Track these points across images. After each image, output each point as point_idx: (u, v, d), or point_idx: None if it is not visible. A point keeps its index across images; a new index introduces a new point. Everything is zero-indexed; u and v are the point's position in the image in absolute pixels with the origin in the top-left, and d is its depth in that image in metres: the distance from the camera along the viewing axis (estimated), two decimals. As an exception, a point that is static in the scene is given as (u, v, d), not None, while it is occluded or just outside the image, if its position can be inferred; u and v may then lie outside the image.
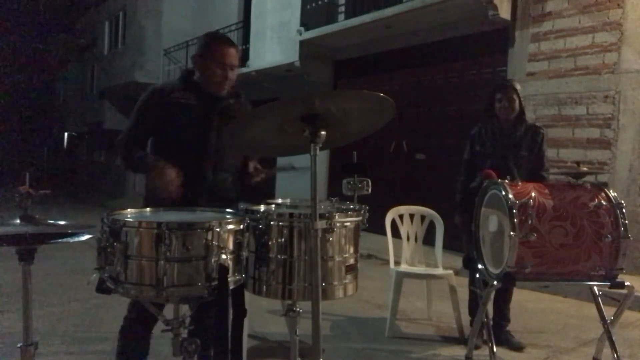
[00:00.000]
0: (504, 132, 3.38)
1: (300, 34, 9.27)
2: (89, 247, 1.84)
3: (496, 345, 3.33)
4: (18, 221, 1.61)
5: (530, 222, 2.43)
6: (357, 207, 1.86)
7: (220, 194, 2.20)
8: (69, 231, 1.67)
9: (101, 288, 1.51)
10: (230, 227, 1.55)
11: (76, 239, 1.67)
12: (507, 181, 2.61)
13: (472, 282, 3.40)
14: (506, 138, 3.36)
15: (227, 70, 2.20)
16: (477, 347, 3.22)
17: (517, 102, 3.35)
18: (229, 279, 1.49)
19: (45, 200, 1.76)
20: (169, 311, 1.67)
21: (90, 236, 1.66)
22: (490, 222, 2.72)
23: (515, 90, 3.36)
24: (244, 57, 11.84)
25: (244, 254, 1.62)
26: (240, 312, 1.63)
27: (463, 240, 3.55)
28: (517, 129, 3.37)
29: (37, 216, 1.64)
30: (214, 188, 2.21)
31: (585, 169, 2.86)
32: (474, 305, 3.47)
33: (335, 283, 1.71)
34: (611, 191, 2.58)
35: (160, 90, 2.26)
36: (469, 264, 3.35)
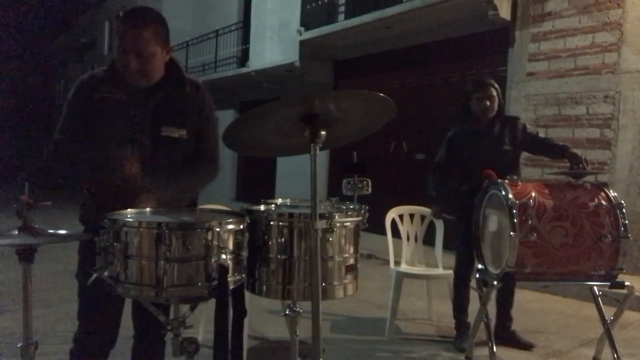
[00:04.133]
0: (482, 132, 3.35)
1: (300, 34, 9.27)
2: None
3: (504, 345, 3.34)
4: (16, 232, 1.59)
5: (530, 222, 2.42)
6: (357, 207, 1.85)
7: (164, 204, 1.84)
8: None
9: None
10: (230, 227, 1.54)
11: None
12: (507, 181, 2.61)
13: (461, 279, 3.40)
14: (486, 137, 3.33)
15: (128, 57, 1.78)
16: (462, 350, 3.23)
17: (496, 100, 3.33)
18: (229, 279, 1.49)
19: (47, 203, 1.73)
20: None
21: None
22: (490, 222, 2.72)
23: (495, 88, 3.34)
24: (244, 57, 11.86)
25: (244, 254, 1.61)
26: (240, 312, 1.63)
27: (457, 235, 3.42)
28: (494, 126, 3.35)
29: (36, 226, 1.62)
30: (155, 195, 1.85)
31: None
32: (460, 302, 3.47)
33: (335, 283, 1.71)
34: (611, 191, 2.58)
35: (87, 84, 1.90)
36: (461, 262, 3.36)
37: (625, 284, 2.49)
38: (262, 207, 1.88)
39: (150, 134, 1.89)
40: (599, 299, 2.60)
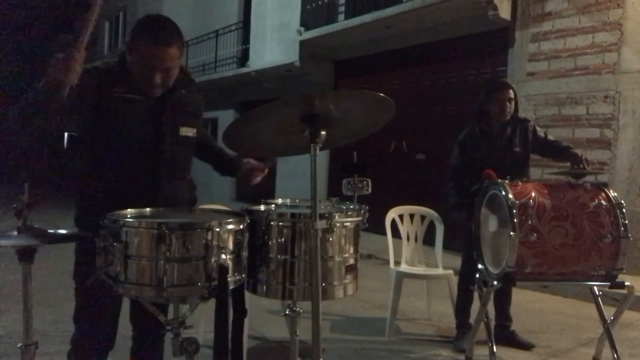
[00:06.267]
0: (494, 133, 3.34)
1: (300, 34, 9.27)
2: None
3: (504, 345, 3.35)
4: (15, 233, 1.59)
5: (530, 222, 2.42)
6: (357, 207, 1.85)
7: (176, 202, 1.93)
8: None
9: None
10: (230, 227, 1.54)
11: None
12: (507, 181, 2.60)
13: (466, 281, 3.38)
14: (498, 138, 3.33)
15: (154, 73, 1.78)
16: (462, 351, 3.22)
17: (514, 102, 3.34)
18: (229, 279, 1.49)
19: (47, 204, 1.72)
20: (168, 311, 1.67)
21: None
22: (490, 222, 2.72)
23: (513, 89, 3.35)
24: (244, 57, 11.86)
25: (244, 254, 1.62)
26: (240, 312, 1.63)
27: (464, 236, 3.39)
28: (506, 127, 3.35)
29: (36, 226, 1.61)
30: (170, 196, 1.91)
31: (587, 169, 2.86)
32: (463, 304, 3.46)
33: (335, 283, 1.71)
34: (611, 191, 2.57)
35: (97, 76, 1.82)
36: (468, 264, 3.34)
37: (625, 284, 2.48)
38: (262, 207, 1.88)
39: (171, 134, 1.90)
40: (599, 299, 2.60)
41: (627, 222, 2.47)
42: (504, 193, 2.52)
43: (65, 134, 25.06)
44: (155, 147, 1.87)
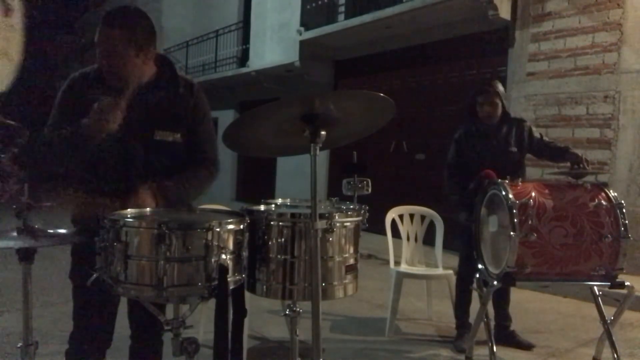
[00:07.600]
0: (489, 132, 3.35)
1: (300, 34, 9.27)
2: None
3: (504, 346, 3.35)
4: (15, 234, 1.58)
5: (530, 222, 2.42)
6: (357, 207, 1.85)
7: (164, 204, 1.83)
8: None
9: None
10: (230, 227, 1.54)
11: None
12: (507, 181, 2.60)
13: (465, 281, 3.38)
14: (493, 138, 3.34)
15: (100, 55, 1.78)
16: (462, 351, 3.22)
17: (499, 105, 3.32)
18: (229, 279, 1.49)
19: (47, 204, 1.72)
20: (168, 311, 1.67)
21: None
22: (490, 222, 2.72)
23: (497, 94, 3.32)
24: (244, 57, 11.86)
25: (244, 254, 1.61)
26: (240, 312, 1.63)
27: (463, 236, 3.37)
28: (501, 127, 3.36)
29: (36, 226, 1.61)
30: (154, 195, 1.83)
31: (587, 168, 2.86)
32: (463, 304, 3.47)
33: (335, 283, 1.71)
34: (611, 191, 2.57)
35: (78, 82, 1.87)
36: (466, 263, 3.34)
37: (626, 284, 2.48)
38: (262, 207, 1.88)
39: (142, 137, 1.84)
40: (599, 299, 2.60)
41: (627, 222, 2.47)
42: (504, 193, 2.52)
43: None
44: (125, 151, 1.83)
